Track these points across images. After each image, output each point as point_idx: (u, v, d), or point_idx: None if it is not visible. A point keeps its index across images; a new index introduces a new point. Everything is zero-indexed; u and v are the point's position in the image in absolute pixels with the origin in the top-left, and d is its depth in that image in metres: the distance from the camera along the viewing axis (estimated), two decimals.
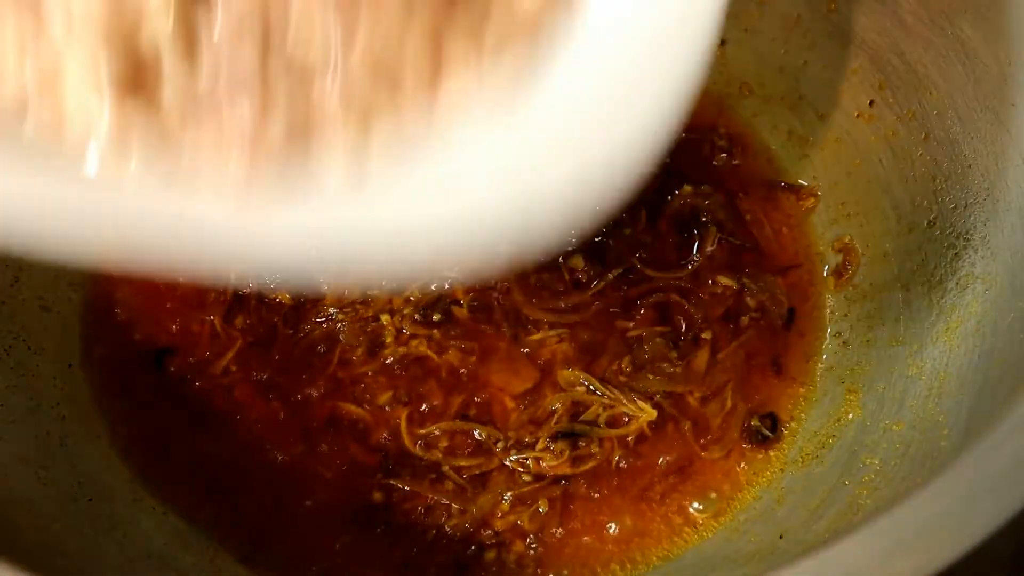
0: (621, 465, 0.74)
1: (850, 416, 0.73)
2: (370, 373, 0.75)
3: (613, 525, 0.73)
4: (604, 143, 0.44)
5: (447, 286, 0.76)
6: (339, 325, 0.76)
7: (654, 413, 0.74)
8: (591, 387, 0.74)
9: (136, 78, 0.42)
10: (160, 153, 0.43)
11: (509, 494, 0.72)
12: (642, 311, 0.78)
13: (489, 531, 0.72)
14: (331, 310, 0.77)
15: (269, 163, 0.43)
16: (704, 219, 0.82)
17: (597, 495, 0.73)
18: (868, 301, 0.78)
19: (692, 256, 0.80)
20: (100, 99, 0.41)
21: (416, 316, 0.76)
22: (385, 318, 0.76)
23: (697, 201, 0.82)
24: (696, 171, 0.84)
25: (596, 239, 0.79)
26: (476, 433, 0.74)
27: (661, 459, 0.74)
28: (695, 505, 0.73)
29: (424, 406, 0.75)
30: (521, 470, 0.73)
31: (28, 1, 0.42)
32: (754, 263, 0.82)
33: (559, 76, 0.46)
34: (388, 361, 0.76)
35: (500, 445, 0.73)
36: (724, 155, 0.86)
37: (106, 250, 0.41)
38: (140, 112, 0.42)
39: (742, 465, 0.75)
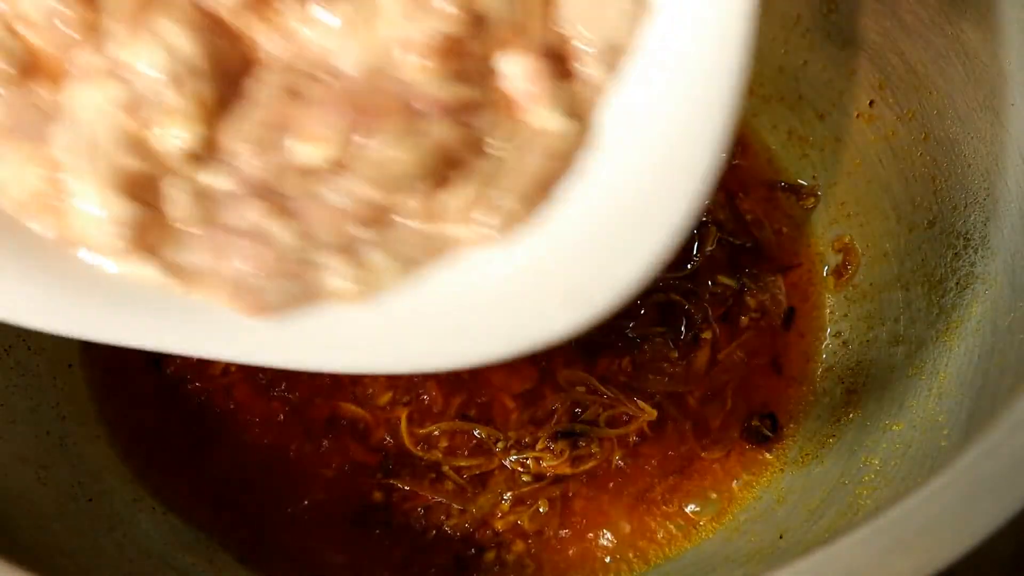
0: (621, 465, 0.74)
1: (850, 416, 0.73)
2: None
3: (613, 525, 0.73)
4: (611, 260, 0.44)
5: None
6: None
7: (654, 413, 0.74)
8: (591, 387, 0.74)
9: (146, 179, 0.42)
10: (167, 252, 0.43)
11: (509, 494, 0.72)
12: (642, 311, 0.78)
13: (489, 531, 0.72)
14: None
15: (279, 265, 0.43)
16: (704, 219, 0.82)
17: (597, 495, 0.73)
18: (868, 301, 0.78)
19: (692, 256, 0.80)
20: (109, 197, 0.42)
21: None
22: None
23: None
24: None
25: None
26: (476, 433, 0.74)
27: (661, 459, 0.74)
28: (695, 505, 0.73)
29: (424, 406, 0.75)
30: (521, 470, 0.73)
31: (43, 105, 0.42)
32: (754, 263, 0.82)
33: (569, 194, 0.46)
34: None
35: (500, 445, 0.73)
36: (724, 155, 0.86)
37: (109, 335, 0.42)
38: (149, 211, 0.43)
39: (742, 465, 0.75)
